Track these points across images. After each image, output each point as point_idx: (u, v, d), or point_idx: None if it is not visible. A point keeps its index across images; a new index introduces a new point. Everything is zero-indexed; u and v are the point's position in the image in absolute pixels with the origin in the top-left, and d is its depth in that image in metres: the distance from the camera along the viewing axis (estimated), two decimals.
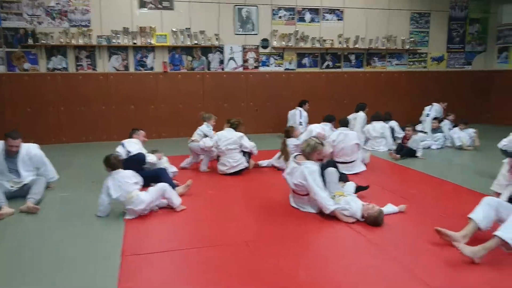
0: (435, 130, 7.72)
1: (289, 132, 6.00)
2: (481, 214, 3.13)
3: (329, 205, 3.76)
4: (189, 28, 8.66)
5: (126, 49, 8.45)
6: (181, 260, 3.13)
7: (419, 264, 2.94)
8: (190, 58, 8.83)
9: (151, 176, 4.81)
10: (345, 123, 6.13)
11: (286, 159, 5.65)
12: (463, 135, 7.46)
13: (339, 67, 9.81)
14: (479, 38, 10.78)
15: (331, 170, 4.09)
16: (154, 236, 3.59)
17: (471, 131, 7.53)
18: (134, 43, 8.39)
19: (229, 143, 5.56)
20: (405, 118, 8.58)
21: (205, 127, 6.12)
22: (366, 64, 9.99)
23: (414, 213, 4.04)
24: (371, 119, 7.67)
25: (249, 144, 5.65)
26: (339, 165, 4.74)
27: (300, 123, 8.28)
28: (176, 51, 8.73)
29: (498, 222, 3.13)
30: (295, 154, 4.12)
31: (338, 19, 9.60)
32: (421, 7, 10.15)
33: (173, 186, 4.63)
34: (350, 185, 4.39)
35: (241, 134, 5.65)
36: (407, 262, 2.97)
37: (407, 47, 10.04)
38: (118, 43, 8.32)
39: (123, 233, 3.62)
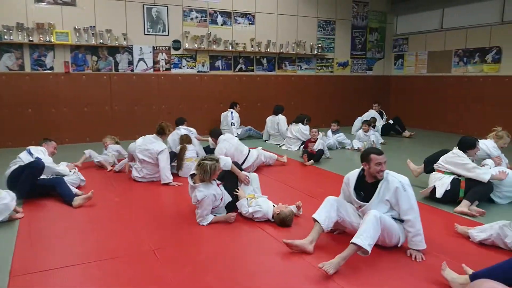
0: (336, 131, 8.03)
1: (185, 140, 5.79)
2: (323, 214, 3.21)
3: (204, 223, 3.79)
4: (94, 26, 8.13)
5: (21, 47, 7.66)
6: (80, 277, 2.87)
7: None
8: (95, 58, 8.29)
9: (48, 185, 4.46)
10: (217, 133, 6.10)
11: (179, 167, 5.60)
12: (364, 138, 7.66)
13: (251, 70, 9.96)
14: (378, 46, 11.70)
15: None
16: (49, 250, 3.26)
17: (371, 133, 7.83)
18: (30, 41, 7.64)
19: (146, 155, 5.23)
20: (315, 120, 8.95)
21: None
22: (277, 67, 10.28)
23: None
24: (292, 121, 7.96)
25: (166, 163, 5.20)
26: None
27: (233, 124, 8.65)
28: (79, 50, 8.13)
29: (339, 221, 3.30)
30: (192, 172, 3.98)
31: (250, 23, 9.75)
32: (327, 15, 10.72)
33: (71, 196, 4.29)
34: (254, 178, 4.42)
35: (163, 148, 5.24)
36: (316, 263, 2.95)
37: (315, 52, 10.55)
38: (11, 39, 7.50)
39: (13, 249, 3.24)
